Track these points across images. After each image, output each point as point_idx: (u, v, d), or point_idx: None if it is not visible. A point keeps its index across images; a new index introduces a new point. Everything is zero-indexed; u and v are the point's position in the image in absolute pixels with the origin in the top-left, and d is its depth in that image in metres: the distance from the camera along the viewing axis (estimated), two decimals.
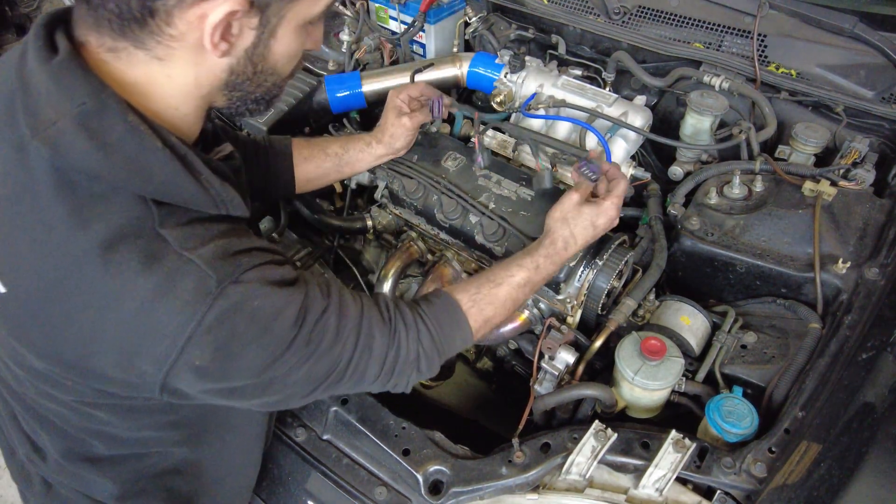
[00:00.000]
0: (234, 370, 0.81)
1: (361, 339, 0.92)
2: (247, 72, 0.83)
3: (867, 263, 1.24)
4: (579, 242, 1.17)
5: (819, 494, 0.94)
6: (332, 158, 1.37)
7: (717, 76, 1.56)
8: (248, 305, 0.78)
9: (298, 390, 0.89)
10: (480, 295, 1.08)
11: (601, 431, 1.08)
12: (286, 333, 0.82)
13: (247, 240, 0.84)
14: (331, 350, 0.88)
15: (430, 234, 1.48)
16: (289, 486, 1.22)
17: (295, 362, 0.84)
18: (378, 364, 0.95)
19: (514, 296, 1.11)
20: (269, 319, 0.80)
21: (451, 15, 1.92)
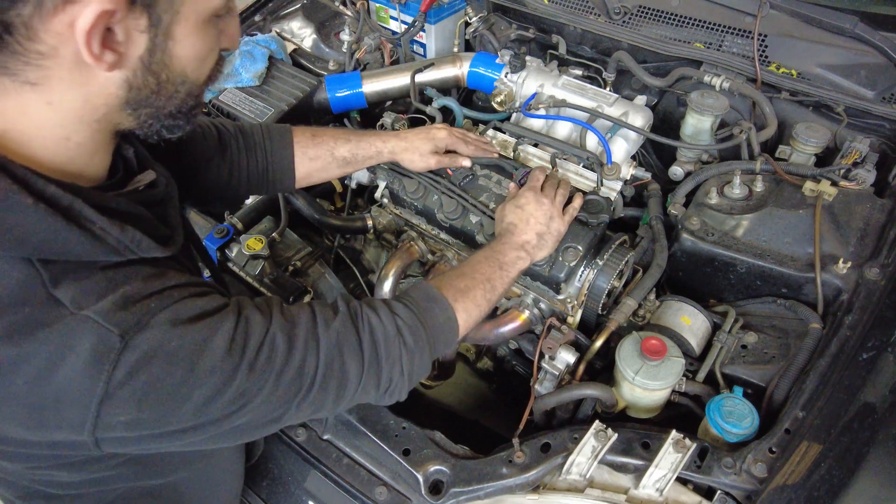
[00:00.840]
0: (171, 414, 0.74)
1: (323, 341, 0.85)
2: (149, 84, 0.72)
3: (868, 263, 1.24)
4: (518, 223, 1.20)
5: (819, 495, 0.94)
6: (339, 162, 1.31)
7: (718, 76, 1.56)
8: (163, 350, 0.71)
9: (264, 416, 0.81)
10: (446, 276, 1.07)
11: (601, 431, 1.08)
12: (222, 364, 0.75)
13: (159, 281, 0.76)
14: (287, 367, 0.80)
15: (431, 233, 1.48)
16: (289, 485, 1.22)
17: (247, 390, 0.77)
18: (356, 359, 0.87)
19: (479, 269, 1.09)
20: (193, 356, 0.73)
21: (452, 15, 1.92)
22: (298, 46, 2.02)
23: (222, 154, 1.19)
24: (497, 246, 1.16)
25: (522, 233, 1.19)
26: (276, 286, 1.40)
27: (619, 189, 1.48)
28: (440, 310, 1.00)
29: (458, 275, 1.07)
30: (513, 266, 1.14)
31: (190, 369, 0.73)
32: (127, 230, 0.73)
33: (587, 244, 1.28)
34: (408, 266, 1.52)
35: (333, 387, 0.86)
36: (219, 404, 0.76)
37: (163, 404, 0.73)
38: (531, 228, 1.19)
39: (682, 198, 1.46)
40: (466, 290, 1.05)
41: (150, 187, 0.86)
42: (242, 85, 1.80)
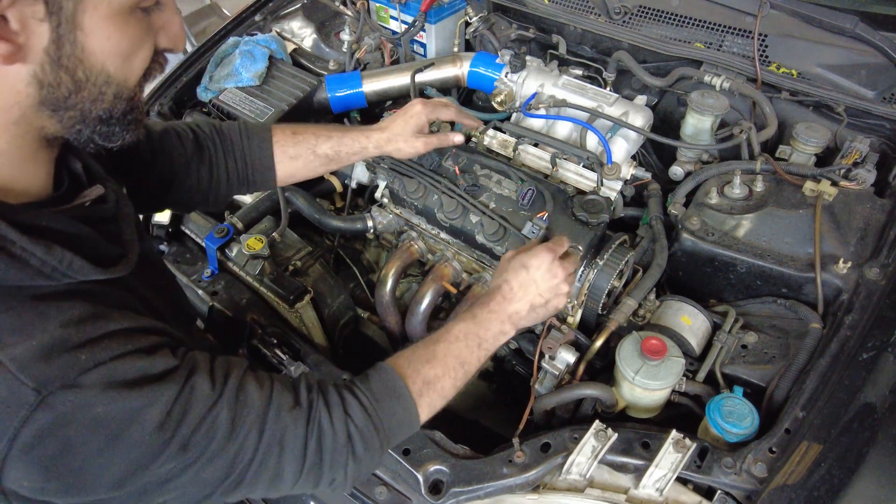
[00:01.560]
0: (81, 485, 0.67)
1: (267, 433, 0.77)
2: (64, 82, 0.65)
3: (868, 263, 1.24)
4: (515, 287, 1.06)
5: (819, 494, 0.94)
6: (321, 159, 1.26)
7: (718, 76, 1.56)
8: (85, 414, 0.64)
9: (188, 496, 0.75)
10: (416, 355, 0.96)
11: (601, 431, 1.08)
12: (150, 439, 0.68)
13: (96, 325, 0.67)
14: (223, 451, 0.73)
15: (431, 233, 1.48)
16: None
17: (172, 468, 0.70)
18: (296, 460, 0.80)
19: (454, 351, 0.98)
20: (119, 427, 0.66)
21: (452, 14, 1.92)
22: (299, 46, 2.02)
23: (200, 157, 1.17)
24: (482, 314, 1.04)
25: (515, 300, 1.06)
26: (276, 286, 1.40)
27: (619, 189, 1.48)
28: (401, 408, 0.91)
29: (428, 357, 0.96)
30: (493, 342, 1.04)
31: (112, 440, 0.66)
32: (54, 250, 0.66)
33: (587, 244, 1.28)
34: (408, 266, 1.52)
35: (264, 481, 0.79)
36: (138, 481, 0.69)
37: (73, 475, 0.66)
38: (527, 298, 1.07)
39: (683, 198, 1.46)
40: (435, 380, 0.95)
41: (98, 202, 0.79)
42: (243, 85, 1.80)
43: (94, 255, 0.71)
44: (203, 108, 1.88)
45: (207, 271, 1.47)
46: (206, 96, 1.84)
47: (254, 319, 1.37)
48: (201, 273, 1.47)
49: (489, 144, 1.62)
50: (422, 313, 1.44)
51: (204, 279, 1.46)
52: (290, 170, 1.25)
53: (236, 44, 1.90)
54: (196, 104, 1.89)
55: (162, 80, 1.88)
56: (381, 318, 1.55)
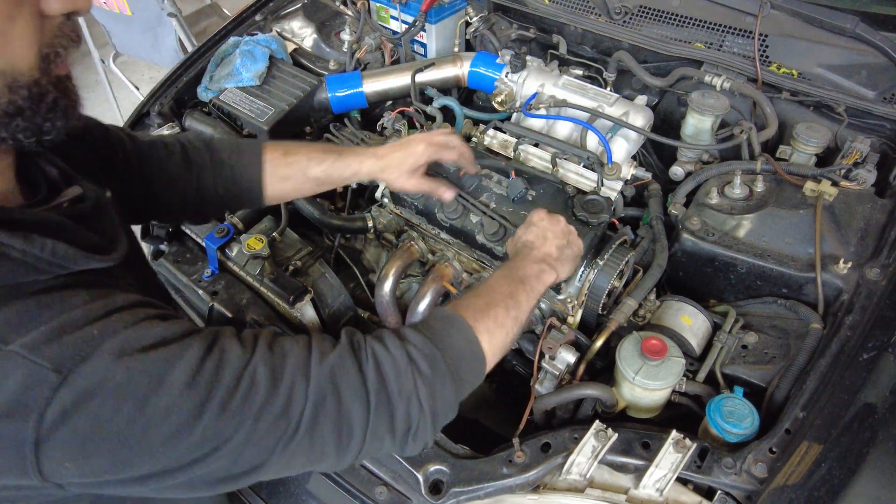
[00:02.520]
0: (125, 460, 0.65)
1: (315, 378, 0.73)
2: None
3: (868, 264, 1.24)
4: (533, 240, 1.12)
5: (820, 495, 0.94)
6: (312, 182, 1.23)
7: (719, 76, 1.56)
8: (107, 384, 0.63)
9: (243, 463, 0.71)
10: (462, 298, 0.96)
11: (602, 431, 1.08)
12: (181, 401, 0.65)
13: (102, 303, 0.67)
14: (268, 405, 0.70)
15: (431, 233, 1.48)
16: (289, 485, 1.22)
17: (218, 432, 0.67)
18: (358, 397, 0.75)
19: (500, 287, 0.97)
20: (145, 392, 0.64)
21: (453, 14, 1.92)
22: (299, 46, 2.02)
23: (188, 171, 1.14)
24: (514, 263, 1.06)
25: (541, 247, 1.10)
26: (277, 286, 1.40)
27: (619, 189, 1.48)
28: (458, 332, 0.87)
29: (474, 294, 0.96)
30: (537, 279, 1.02)
31: (141, 407, 0.64)
32: (32, 239, 0.64)
33: (588, 244, 1.28)
34: (408, 266, 1.52)
35: (330, 432, 0.74)
36: (182, 448, 0.66)
37: (112, 449, 0.64)
38: (550, 243, 1.11)
39: (683, 198, 1.46)
40: (486, 307, 0.92)
41: (77, 202, 0.77)
42: (243, 84, 1.80)
43: (81, 245, 0.69)
44: (203, 107, 1.88)
45: (207, 271, 1.47)
46: (206, 96, 1.84)
47: (254, 319, 1.37)
48: (201, 273, 1.47)
49: (489, 144, 1.62)
50: (422, 313, 1.44)
51: (204, 279, 1.46)
52: (280, 191, 1.22)
53: (237, 44, 1.90)
54: (196, 104, 1.89)
55: (162, 79, 1.88)
56: (381, 318, 1.55)
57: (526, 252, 1.09)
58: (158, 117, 1.78)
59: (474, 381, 0.89)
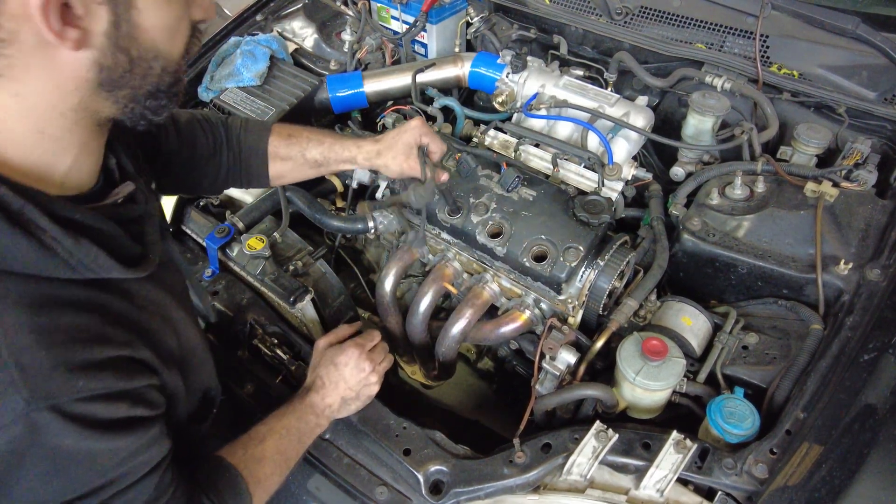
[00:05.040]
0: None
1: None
2: (120, 63, 0.68)
3: (869, 264, 1.24)
4: (326, 383, 1.15)
5: (820, 496, 0.94)
6: (310, 164, 1.28)
7: (719, 77, 1.56)
8: (52, 441, 0.65)
9: None
10: (249, 454, 1.00)
11: (602, 432, 1.08)
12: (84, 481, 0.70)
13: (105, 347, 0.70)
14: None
15: (431, 234, 1.48)
16: (289, 485, 1.22)
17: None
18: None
19: (281, 447, 1.04)
20: (70, 464, 0.68)
21: (453, 15, 1.92)
22: (300, 46, 2.02)
23: (214, 150, 1.21)
24: (301, 408, 1.11)
25: (327, 395, 1.15)
26: (277, 286, 1.40)
27: (620, 189, 1.48)
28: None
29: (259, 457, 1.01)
30: (310, 434, 1.11)
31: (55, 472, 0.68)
32: (83, 243, 0.68)
33: (588, 244, 1.28)
34: (408, 266, 1.52)
35: None
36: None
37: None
38: (337, 392, 1.15)
39: (684, 198, 1.46)
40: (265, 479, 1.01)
41: (129, 202, 0.82)
42: (244, 84, 1.80)
43: (118, 254, 0.73)
44: (204, 107, 1.88)
45: (208, 271, 1.47)
46: (207, 96, 1.84)
47: (254, 319, 1.38)
48: (202, 272, 1.47)
49: (490, 145, 1.62)
50: (422, 313, 1.44)
51: (205, 279, 1.46)
52: (280, 170, 1.28)
53: (237, 43, 1.90)
54: (197, 104, 1.89)
55: None
56: (381, 318, 1.55)
57: (312, 395, 1.14)
58: None
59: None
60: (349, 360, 1.18)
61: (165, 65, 0.73)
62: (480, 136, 1.64)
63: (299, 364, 1.29)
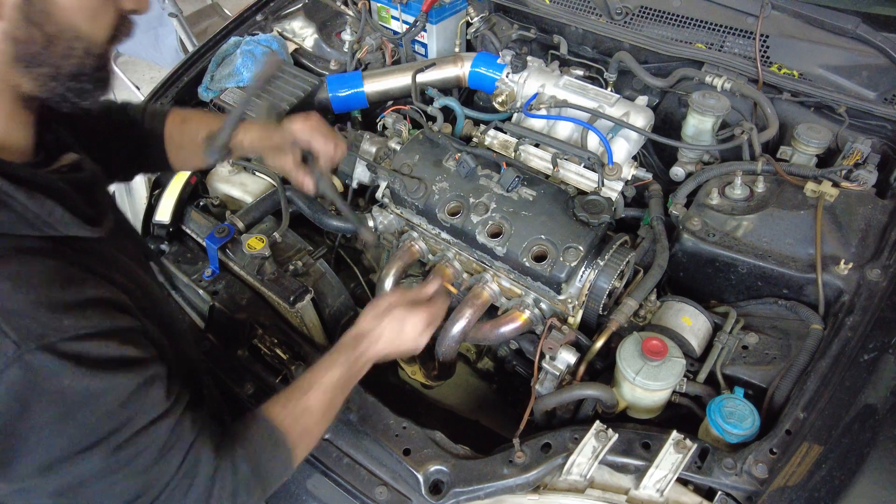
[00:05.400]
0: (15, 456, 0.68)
1: (186, 464, 0.79)
2: (35, 38, 0.69)
3: (869, 264, 1.24)
4: (384, 338, 1.08)
5: (820, 496, 0.94)
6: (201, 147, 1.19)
7: (720, 77, 1.56)
8: (52, 384, 0.66)
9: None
10: (296, 406, 0.98)
11: (602, 432, 1.08)
12: (94, 427, 0.70)
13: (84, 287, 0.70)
14: (148, 469, 0.75)
15: (431, 234, 1.48)
16: (289, 485, 1.22)
17: (95, 469, 0.71)
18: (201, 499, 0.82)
19: (327, 398, 1.00)
20: (75, 405, 0.68)
21: (453, 15, 1.92)
22: (300, 46, 2.02)
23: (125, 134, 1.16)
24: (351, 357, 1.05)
25: (381, 350, 1.09)
26: (277, 286, 1.40)
27: (620, 189, 1.48)
28: (281, 460, 0.95)
29: (301, 411, 0.98)
30: (353, 382, 1.07)
31: (64, 416, 0.68)
32: (37, 197, 0.69)
33: (588, 244, 1.28)
34: (409, 266, 1.52)
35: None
36: (59, 473, 0.70)
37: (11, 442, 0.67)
38: (391, 348, 1.10)
39: (684, 198, 1.46)
40: (307, 432, 0.99)
41: (74, 170, 0.82)
42: (244, 84, 1.80)
43: (76, 213, 0.74)
44: (204, 107, 1.88)
45: (208, 271, 1.47)
46: (207, 96, 1.84)
47: (254, 319, 1.37)
48: (202, 273, 1.47)
49: (490, 145, 1.62)
50: None
51: (205, 279, 1.46)
52: (179, 158, 1.22)
53: (238, 43, 1.90)
54: (197, 104, 1.89)
55: (163, 79, 1.88)
56: None
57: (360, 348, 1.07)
58: None
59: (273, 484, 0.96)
60: (417, 326, 1.10)
61: (88, 47, 0.73)
62: (480, 136, 1.64)
63: (299, 364, 1.29)
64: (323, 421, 1.01)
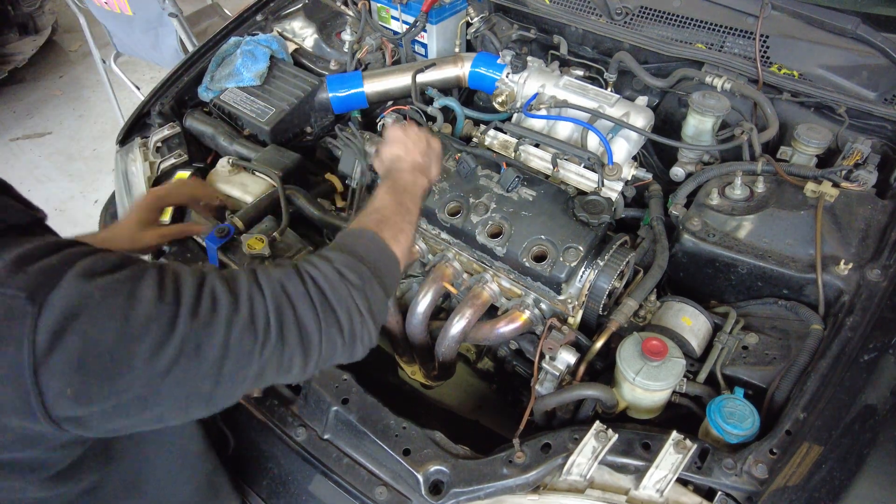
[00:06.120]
0: (120, 376, 0.68)
1: (267, 289, 0.80)
2: None
3: (869, 265, 1.24)
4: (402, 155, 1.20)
5: (820, 496, 0.94)
6: None
7: (720, 77, 1.56)
8: (88, 303, 0.66)
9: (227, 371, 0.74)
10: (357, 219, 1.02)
11: (602, 432, 1.07)
12: (157, 312, 0.70)
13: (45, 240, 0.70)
14: (235, 313, 0.75)
15: (431, 234, 1.48)
16: (289, 485, 1.22)
17: (195, 338, 0.71)
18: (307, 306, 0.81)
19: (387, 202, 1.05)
20: (123, 308, 0.68)
21: (453, 15, 1.92)
22: (300, 46, 2.02)
23: None
24: (392, 177, 1.13)
25: (408, 156, 1.19)
26: None
27: (620, 189, 1.48)
28: (369, 241, 0.96)
29: (368, 213, 1.03)
30: (414, 186, 1.13)
31: (123, 321, 0.67)
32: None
33: (588, 245, 1.28)
34: (408, 266, 1.52)
35: (294, 338, 0.80)
36: (166, 359, 0.69)
37: (105, 368, 0.67)
38: (414, 151, 1.20)
39: (684, 198, 1.46)
40: (384, 219, 1.01)
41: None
42: (244, 84, 1.80)
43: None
44: (204, 107, 1.88)
45: None
46: (207, 96, 1.84)
47: None
48: None
49: (490, 145, 1.62)
50: (422, 313, 1.44)
51: None
52: None
53: (238, 43, 1.90)
54: (197, 104, 1.89)
55: (163, 79, 1.88)
56: None
57: (398, 166, 1.17)
58: (159, 117, 1.78)
59: (395, 280, 0.99)
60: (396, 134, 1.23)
61: None
62: (480, 136, 1.64)
63: None
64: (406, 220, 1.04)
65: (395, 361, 1.66)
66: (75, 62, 4.77)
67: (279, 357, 0.79)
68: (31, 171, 3.81)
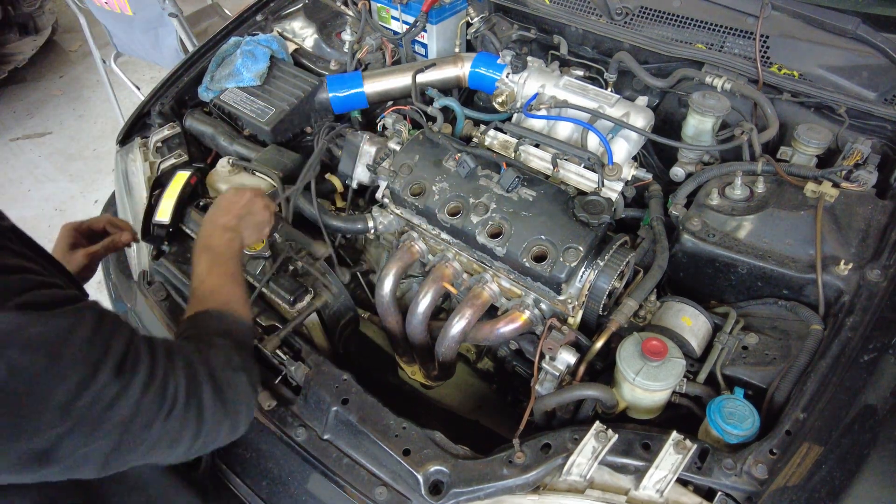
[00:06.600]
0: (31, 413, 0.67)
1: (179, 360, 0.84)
2: None
3: (869, 265, 1.24)
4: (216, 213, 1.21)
5: (820, 496, 0.94)
6: None
7: (720, 77, 1.56)
8: (22, 335, 0.66)
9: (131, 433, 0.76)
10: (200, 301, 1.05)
11: (602, 432, 1.07)
12: (86, 355, 0.71)
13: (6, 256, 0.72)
14: (153, 376, 0.78)
15: (431, 234, 1.48)
16: (289, 485, 1.22)
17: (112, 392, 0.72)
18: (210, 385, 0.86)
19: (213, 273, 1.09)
20: (54, 345, 0.68)
21: (453, 15, 1.92)
22: (300, 46, 2.02)
23: None
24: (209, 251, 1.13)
25: (220, 217, 1.19)
26: (277, 286, 1.40)
27: (620, 189, 1.47)
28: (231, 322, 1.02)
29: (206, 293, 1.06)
30: (228, 247, 1.15)
31: (53, 359, 0.68)
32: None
33: (588, 245, 1.28)
34: (408, 266, 1.52)
35: (193, 412, 0.83)
36: (80, 408, 0.70)
37: (19, 405, 0.66)
38: (230, 214, 1.20)
39: (684, 199, 1.46)
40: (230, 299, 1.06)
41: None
42: (244, 84, 1.80)
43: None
44: (204, 107, 1.88)
45: None
46: (207, 96, 1.84)
47: (254, 319, 1.37)
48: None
49: (490, 145, 1.62)
50: (422, 313, 1.44)
51: None
52: None
53: (238, 44, 1.90)
54: (197, 104, 1.89)
55: (163, 80, 1.88)
56: (381, 318, 1.55)
57: (210, 226, 1.19)
58: (159, 117, 1.78)
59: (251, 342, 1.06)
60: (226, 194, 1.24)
61: None
62: (480, 136, 1.64)
63: (299, 364, 1.29)
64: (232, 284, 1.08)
65: (395, 361, 1.66)
66: (75, 62, 4.77)
67: (177, 428, 0.82)
68: (31, 171, 3.81)
